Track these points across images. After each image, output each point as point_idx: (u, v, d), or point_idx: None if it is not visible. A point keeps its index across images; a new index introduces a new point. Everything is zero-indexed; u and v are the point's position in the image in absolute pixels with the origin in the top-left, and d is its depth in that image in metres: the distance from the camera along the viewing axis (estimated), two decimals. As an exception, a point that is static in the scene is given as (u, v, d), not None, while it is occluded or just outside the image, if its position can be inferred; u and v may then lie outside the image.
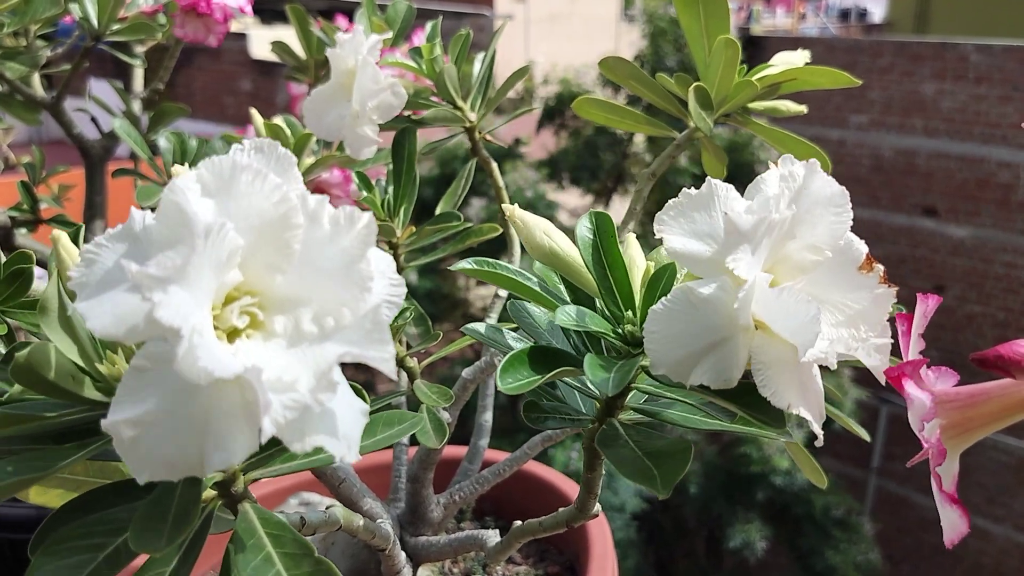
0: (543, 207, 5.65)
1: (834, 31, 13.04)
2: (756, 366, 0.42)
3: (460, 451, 0.92)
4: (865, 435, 0.61)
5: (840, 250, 0.45)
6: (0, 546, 1.01)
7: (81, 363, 0.40)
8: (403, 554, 0.70)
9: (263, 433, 0.32)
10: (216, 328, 0.34)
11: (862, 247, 0.46)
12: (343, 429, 0.35)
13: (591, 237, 0.52)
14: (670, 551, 6.41)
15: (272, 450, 0.47)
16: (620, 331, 0.49)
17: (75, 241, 0.47)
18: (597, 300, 0.51)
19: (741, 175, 4.58)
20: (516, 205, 0.53)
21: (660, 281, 0.49)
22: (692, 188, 0.44)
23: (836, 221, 0.45)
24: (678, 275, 0.49)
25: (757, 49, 7.50)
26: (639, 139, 6.41)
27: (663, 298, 0.43)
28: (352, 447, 0.35)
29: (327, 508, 0.53)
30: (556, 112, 6.55)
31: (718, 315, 0.42)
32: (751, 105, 0.80)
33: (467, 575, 0.85)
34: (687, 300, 0.42)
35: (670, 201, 0.44)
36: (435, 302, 5.77)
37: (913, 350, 0.46)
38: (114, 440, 0.32)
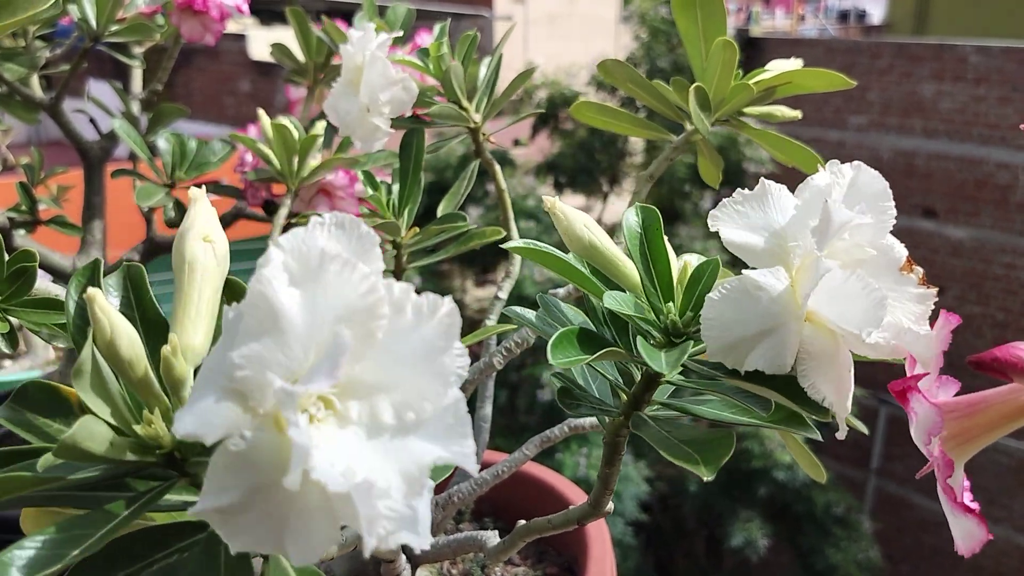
0: (543, 213, 5.63)
1: (833, 32, 13.04)
2: (801, 355, 0.43)
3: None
4: (863, 428, 0.62)
5: (883, 249, 0.46)
6: (0, 546, 1.00)
7: (115, 423, 0.39)
8: (402, 555, 0.69)
9: (366, 548, 0.31)
10: None
11: (902, 250, 0.47)
12: (422, 521, 0.33)
13: (638, 229, 0.53)
14: (670, 551, 6.41)
15: None
16: (663, 321, 0.50)
17: (93, 282, 0.46)
18: (630, 294, 0.51)
19: (729, 174, 4.58)
20: (556, 199, 0.53)
21: (703, 275, 0.50)
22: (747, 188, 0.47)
23: (881, 219, 0.46)
24: (719, 272, 0.50)
25: (756, 51, 7.50)
26: (634, 139, 6.39)
27: (720, 286, 0.44)
28: (425, 532, 0.33)
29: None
30: (549, 116, 6.52)
31: (774, 303, 0.43)
32: (746, 110, 0.80)
33: (466, 576, 0.85)
34: (744, 288, 0.43)
35: (723, 200, 0.47)
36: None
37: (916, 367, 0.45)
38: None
